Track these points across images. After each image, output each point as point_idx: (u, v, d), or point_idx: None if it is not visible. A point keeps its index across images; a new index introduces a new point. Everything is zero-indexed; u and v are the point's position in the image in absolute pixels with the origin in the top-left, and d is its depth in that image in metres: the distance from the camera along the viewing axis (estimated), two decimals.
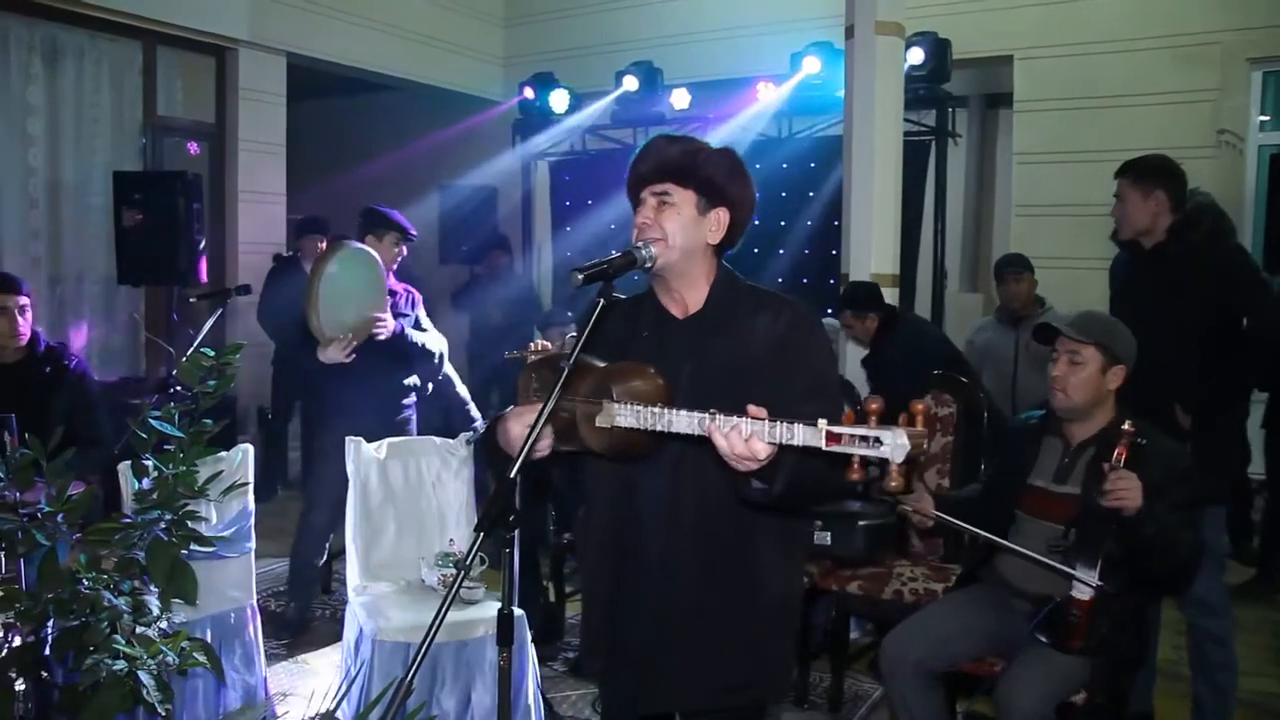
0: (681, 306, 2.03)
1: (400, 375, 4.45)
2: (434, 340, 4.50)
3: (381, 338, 4.22)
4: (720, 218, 2.00)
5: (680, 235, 1.96)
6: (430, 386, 4.71)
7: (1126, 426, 2.59)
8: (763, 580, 2.00)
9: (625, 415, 1.74)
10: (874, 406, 1.44)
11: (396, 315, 4.34)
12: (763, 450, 1.59)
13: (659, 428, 1.70)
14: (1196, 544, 2.63)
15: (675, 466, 1.94)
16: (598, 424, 1.79)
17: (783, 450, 1.59)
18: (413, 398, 4.53)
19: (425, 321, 4.55)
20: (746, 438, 1.59)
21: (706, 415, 1.63)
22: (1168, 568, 2.60)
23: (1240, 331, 3.33)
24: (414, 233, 4.50)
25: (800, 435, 1.51)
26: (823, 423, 1.47)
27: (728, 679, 2.00)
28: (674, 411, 1.67)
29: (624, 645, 2.05)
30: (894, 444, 1.40)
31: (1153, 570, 2.61)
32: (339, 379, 4.23)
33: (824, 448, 1.46)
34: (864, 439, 1.42)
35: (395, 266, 4.45)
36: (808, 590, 3.65)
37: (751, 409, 1.61)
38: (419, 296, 4.58)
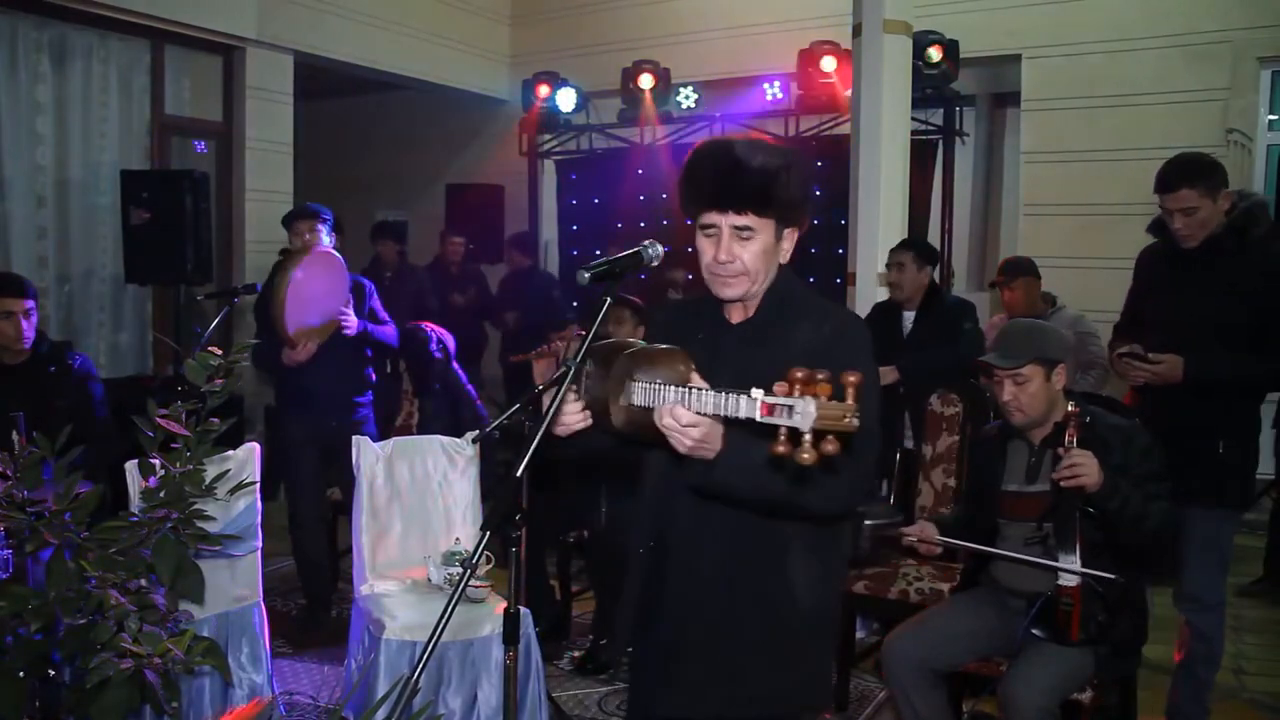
0: (741, 311, 2.00)
1: (356, 372, 4.55)
2: (391, 332, 4.64)
3: (348, 333, 4.33)
4: (793, 237, 1.96)
5: (763, 269, 1.91)
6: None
7: (1070, 408, 2.68)
8: (794, 594, 1.95)
9: (636, 393, 1.73)
10: (799, 375, 1.37)
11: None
12: (684, 417, 1.59)
13: (654, 404, 1.67)
14: (1168, 515, 2.66)
15: None
16: (621, 403, 1.78)
17: (728, 432, 1.61)
18: (369, 396, 4.65)
19: (382, 313, 4.66)
20: (671, 406, 1.59)
21: (683, 389, 1.62)
22: (1140, 539, 2.64)
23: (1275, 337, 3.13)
24: (325, 214, 4.50)
25: (737, 406, 1.47)
26: (758, 392, 1.42)
27: (750, 690, 1.96)
28: (669, 388, 1.64)
29: (648, 646, 2.04)
30: (803, 411, 1.33)
31: (1127, 543, 2.66)
32: (296, 377, 4.34)
33: (758, 418, 1.41)
34: (785, 408, 1.36)
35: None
36: None
37: (694, 378, 1.64)
38: (371, 287, 4.67)
